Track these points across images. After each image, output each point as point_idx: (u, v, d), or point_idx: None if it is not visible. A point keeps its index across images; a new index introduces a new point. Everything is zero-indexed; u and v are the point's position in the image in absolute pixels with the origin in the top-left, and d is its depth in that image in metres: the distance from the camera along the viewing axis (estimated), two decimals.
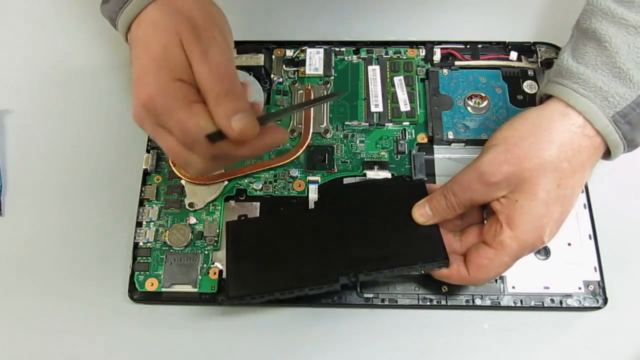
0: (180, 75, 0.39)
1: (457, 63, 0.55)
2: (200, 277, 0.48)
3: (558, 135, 0.40)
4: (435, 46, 0.56)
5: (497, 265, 0.41)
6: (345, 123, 0.53)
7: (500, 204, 0.41)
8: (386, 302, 0.47)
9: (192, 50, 0.39)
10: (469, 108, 0.53)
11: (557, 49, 0.55)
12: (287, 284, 0.42)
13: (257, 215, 0.50)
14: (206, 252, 0.49)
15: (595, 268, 0.47)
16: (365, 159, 0.52)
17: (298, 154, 0.52)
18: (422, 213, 0.43)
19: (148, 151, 0.52)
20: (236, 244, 0.44)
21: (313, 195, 0.50)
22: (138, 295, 0.47)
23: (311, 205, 0.50)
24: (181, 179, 0.51)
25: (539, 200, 0.40)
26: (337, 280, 0.42)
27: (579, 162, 0.40)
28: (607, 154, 0.42)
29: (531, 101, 0.52)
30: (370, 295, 0.47)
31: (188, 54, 0.39)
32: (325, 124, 0.53)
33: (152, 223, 0.50)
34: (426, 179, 0.50)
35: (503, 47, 0.56)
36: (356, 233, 0.44)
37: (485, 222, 0.44)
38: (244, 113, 0.38)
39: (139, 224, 0.50)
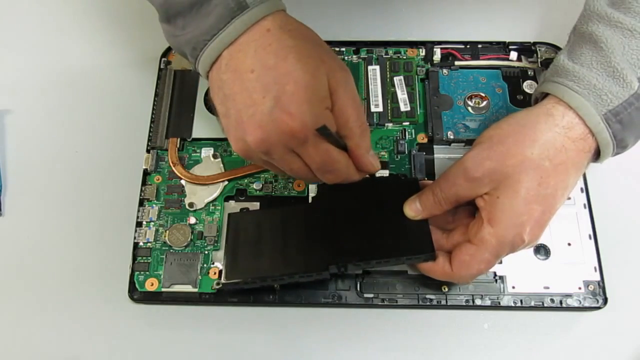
0: (328, 105, 0.39)
1: (457, 63, 0.55)
2: (200, 277, 0.48)
3: (541, 135, 0.41)
4: (435, 46, 0.56)
5: (478, 262, 0.42)
6: None
7: (484, 201, 0.42)
8: (386, 302, 0.47)
9: (338, 79, 0.39)
10: (469, 108, 0.53)
11: (557, 48, 0.55)
12: (279, 271, 0.44)
13: None
14: (206, 252, 0.49)
15: (595, 268, 0.47)
16: None
17: None
18: (412, 208, 0.44)
19: (148, 151, 0.52)
20: (235, 234, 0.46)
21: (313, 195, 0.50)
22: (138, 295, 0.47)
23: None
24: (181, 179, 0.51)
25: (519, 198, 0.40)
26: (327, 269, 0.43)
27: (561, 162, 0.41)
28: (596, 157, 0.43)
29: (531, 101, 0.52)
30: (370, 295, 0.47)
31: (333, 83, 0.39)
32: None
33: (152, 223, 0.50)
34: (426, 178, 0.50)
35: (503, 47, 0.56)
36: (349, 226, 0.45)
37: None
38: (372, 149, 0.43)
39: (139, 224, 0.50)
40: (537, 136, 0.41)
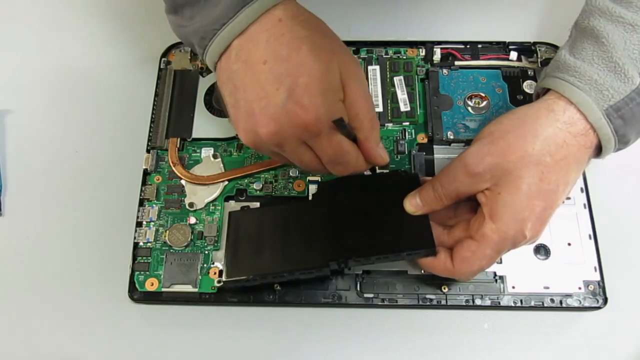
0: (341, 97, 0.39)
1: (457, 63, 0.55)
2: (200, 277, 0.48)
3: (543, 130, 0.41)
4: (435, 46, 0.56)
5: (479, 258, 0.42)
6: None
7: (485, 197, 0.42)
8: (386, 302, 0.47)
9: (350, 71, 0.39)
10: (469, 108, 0.53)
11: (557, 48, 0.55)
12: (279, 268, 0.44)
13: None
14: (206, 252, 0.48)
15: (595, 268, 0.47)
16: None
17: None
18: (412, 203, 0.44)
19: (148, 151, 0.52)
20: (236, 231, 0.46)
21: (313, 193, 0.50)
22: (138, 295, 0.47)
23: None
24: (181, 178, 0.51)
25: (520, 193, 0.40)
26: (327, 265, 0.43)
27: (563, 157, 0.41)
28: (598, 152, 0.43)
29: (531, 101, 0.52)
30: (370, 295, 0.47)
31: (345, 75, 0.39)
32: None
33: (152, 223, 0.50)
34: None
35: (503, 47, 0.56)
36: (350, 222, 0.45)
37: None
38: (381, 142, 0.43)
39: (139, 224, 0.50)
40: (538, 131, 0.41)
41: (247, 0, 0.39)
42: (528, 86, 0.54)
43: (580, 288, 0.47)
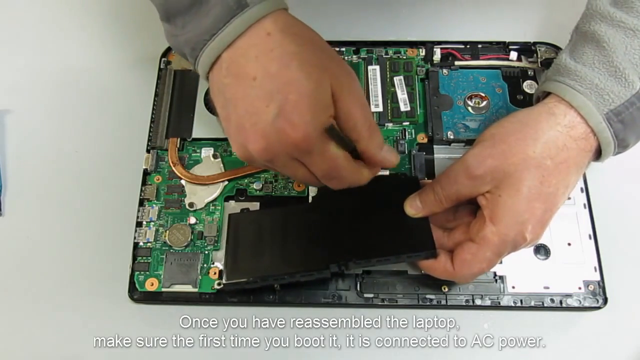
0: (331, 113, 0.38)
1: (457, 63, 0.55)
2: (200, 277, 0.48)
3: (543, 133, 0.41)
4: (435, 46, 0.56)
5: (479, 260, 0.42)
6: None
7: (485, 199, 0.42)
8: (386, 302, 0.47)
9: (342, 84, 0.38)
10: (469, 108, 0.53)
11: (557, 48, 0.55)
12: (279, 270, 0.44)
13: None
14: (206, 252, 0.49)
15: (595, 268, 0.47)
16: None
17: None
18: (412, 205, 0.44)
19: (148, 151, 0.52)
20: (235, 234, 0.46)
21: (313, 195, 0.50)
22: (138, 295, 0.47)
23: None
24: (181, 178, 0.51)
25: (520, 196, 0.40)
26: (328, 268, 0.44)
27: (563, 161, 0.41)
28: (597, 156, 0.43)
29: (531, 101, 0.52)
30: (370, 295, 0.47)
31: (337, 88, 0.38)
32: None
33: (152, 223, 0.50)
34: (425, 179, 0.50)
35: (503, 47, 0.56)
36: (350, 225, 0.45)
37: None
38: (387, 144, 0.42)
39: (139, 224, 0.50)
40: (539, 135, 0.41)
41: (237, 10, 0.38)
42: (528, 86, 0.54)
43: (580, 288, 0.47)
